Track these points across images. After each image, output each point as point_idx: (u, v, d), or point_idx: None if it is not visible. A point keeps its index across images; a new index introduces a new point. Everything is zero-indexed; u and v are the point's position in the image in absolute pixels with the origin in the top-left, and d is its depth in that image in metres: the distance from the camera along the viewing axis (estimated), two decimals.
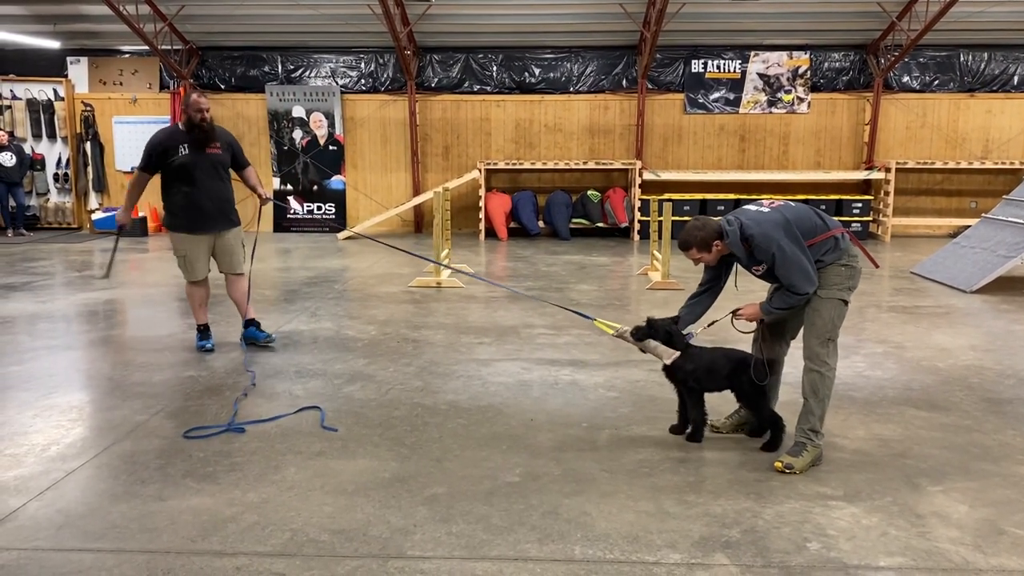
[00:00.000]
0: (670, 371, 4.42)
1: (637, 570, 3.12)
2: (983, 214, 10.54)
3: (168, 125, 6.35)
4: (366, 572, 3.10)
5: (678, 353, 4.35)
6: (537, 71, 14.54)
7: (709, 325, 4.50)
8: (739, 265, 4.24)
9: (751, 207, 4.19)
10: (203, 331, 6.44)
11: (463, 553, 3.25)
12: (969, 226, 10.78)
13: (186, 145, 6.03)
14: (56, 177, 15.07)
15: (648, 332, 4.41)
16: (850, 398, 5.19)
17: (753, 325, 4.42)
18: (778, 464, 4.03)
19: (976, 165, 13.92)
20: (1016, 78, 14.18)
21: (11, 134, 14.39)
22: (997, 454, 4.30)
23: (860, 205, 13.65)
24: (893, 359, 6.18)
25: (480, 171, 13.85)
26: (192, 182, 6.06)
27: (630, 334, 4.46)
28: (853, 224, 13.41)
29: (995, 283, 8.87)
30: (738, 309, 4.29)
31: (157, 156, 6.04)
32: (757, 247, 3.97)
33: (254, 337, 6.44)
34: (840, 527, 3.46)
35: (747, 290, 4.73)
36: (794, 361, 4.49)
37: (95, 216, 14.70)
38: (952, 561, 3.19)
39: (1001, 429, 4.67)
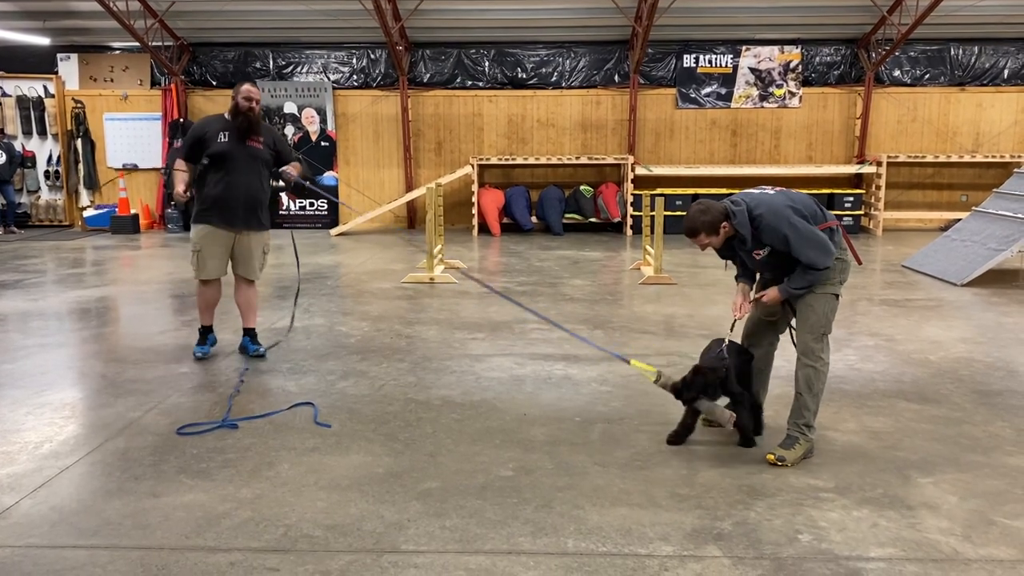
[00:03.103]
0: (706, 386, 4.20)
1: (630, 562, 3.14)
2: (974, 207, 10.59)
3: (213, 114, 6.00)
4: (360, 567, 3.12)
5: (733, 415, 4.13)
6: (529, 66, 14.53)
7: (732, 328, 4.42)
8: (739, 250, 4.20)
9: (754, 191, 4.15)
10: (203, 334, 6.10)
11: (457, 547, 3.26)
12: (960, 219, 10.82)
13: (226, 133, 5.71)
14: (47, 174, 15.01)
15: (696, 388, 4.14)
16: (841, 391, 5.21)
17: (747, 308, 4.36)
18: (770, 456, 4.05)
19: (967, 159, 13.96)
20: (1006, 71, 14.23)
21: (1, 131, 14.33)
22: (987, 445, 4.33)
23: (852, 199, 13.70)
24: (884, 352, 6.22)
25: (473, 166, 13.84)
26: (225, 172, 5.71)
27: (671, 389, 4.22)
28: (845, 218, 13.45)
29: (986, 276, 8.92)
30: (761, 296, 4.25)
31: (196, 143, 5.72)
32: (766, 227, 3.92)
33: (245, 348, 6.15)
34: (831, 519, 3.49)
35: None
36: (786, 355, 4.52)
37: (86, 213, 14.64)
38: (942, 552, 3.22)
39: (991, 421, 4.71)
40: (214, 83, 14.68)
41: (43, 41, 14.44)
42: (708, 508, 3.59)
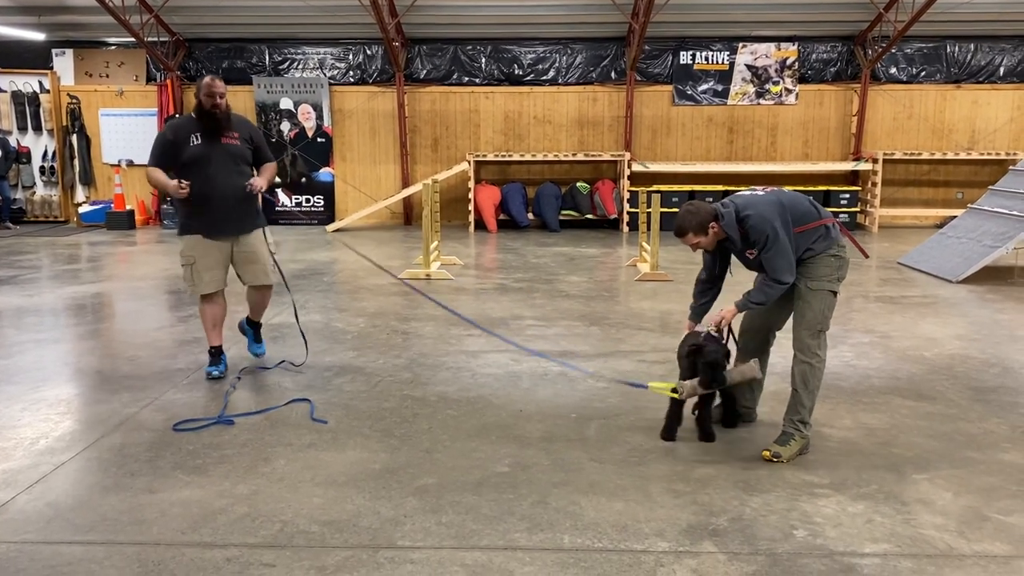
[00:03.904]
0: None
1: (626, 558, 3.15)
2: (969, 204, 10.61)
3: (180, 115, 5.67)
4: (356, 563, 3.12)
5: (756, 366, 4.14)
6: (526, 63, 14.51)
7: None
8: (731, 252, 4.23)
9: (745, 191, 4.19)
10: (215, 355, 5.55)
11: (453, 543, 3.27)
12: (955, 216, 10.84)
13: (198, 135, 5.19)
14: (42, 170, 14.96)
15: (714, 360, 4.10)
16: (837, 387, 5.23)
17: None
18: (766, 453, 4.06)
19: (962, 156, 13.99)
20: (1002, 69, 14.24)
21: None
22: (982, 442, 4.35)
23: (848, 196, 13.71)
24: (880, 349, 6.23)
25: (469, 163, 13.83)
26: (205, 177, 5.18)
27: (700, 385, 4.11)
28: (841, 215, 13.46)
29: (981, 273, 8.94)
30: (716, 320, 4.27)
31: (166, 150, 5.20)
32: (752, 228, 3.96)
33: (246, 333, 5.91)
34: (826, 514, 3.50)
35: (737, 281, 4.75)
36: (783, 351, 4.53)
37: (82, 209, 14.61)
38: (936, 547, 3.23)
39: (985, 417, 4.72)
40: None
41: (38, 36, 14.39)
42: (704, 504, 3.59)
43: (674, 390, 4.20)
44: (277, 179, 14.52)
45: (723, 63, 14.36)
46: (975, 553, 3.19)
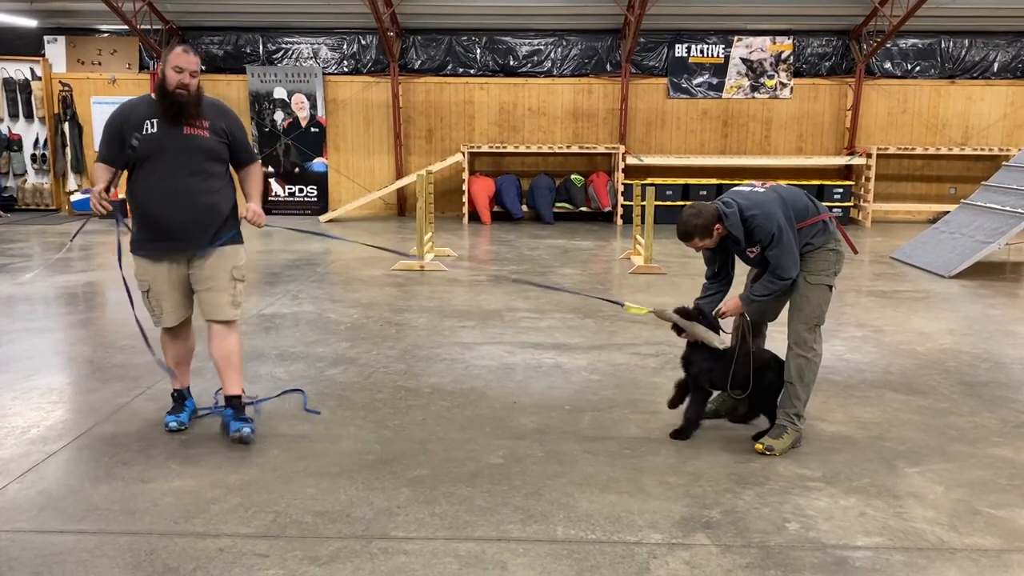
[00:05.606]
0: (688, 362, 4.23)
1: (619, 550, 3.15)
2: (962, 200, 10.64)
3: (137, 96, 4.31)
4: (349, 553, 3.12)
5: (727, 339, 4.15)
6: (521, 54, 14.47)
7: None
8: (732, 249, 4.22)
9: (743, 188, 4.16)
10: (177, 398, 4.47)
11: (446, 534, 3.27)
12: (948, 212, 10.88)
13: (154, 121, 4.06)
14: (34, 158, 14.87)
15: (693, 315, 4.21)
16: (830, 381, 5.24)
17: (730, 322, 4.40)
18: (759, 446, 4.07)
19: (956, 151, 14.02)
20: (996, 65, 14.27)
21: None
22: (973, 436, 4.36)
23: (841, 191, 13.74)
24: (872, 343, 6.25)
25: (463, 154, 13.80)
26: (157, 176, 4.06)
27: (675, 311, 4.22)
28: (834, 209, 13.49)
29: (973, 268, 8.97)
30: (719, 309, 4.28)
31: (115, 138, 4.13)
32: (758, 227, 3.94)
33: (226, 424, 4.29)
34: (819, 508, 3.51)
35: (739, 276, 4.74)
36: (777, 346, 4.53)
37: (73, 197, 14.53)
38: (928, 540, 3.25)
39: (977, 412, 4.74)
40: (203, 68, 14.52)
41: (30, 23, 14.28)
42: (697, 496, 3.60)
43: (659, 312, 4.34)
44: (271, 168, 14.45)
45: (718, 56, 14.35)
46: (966, 546, 3.20)
